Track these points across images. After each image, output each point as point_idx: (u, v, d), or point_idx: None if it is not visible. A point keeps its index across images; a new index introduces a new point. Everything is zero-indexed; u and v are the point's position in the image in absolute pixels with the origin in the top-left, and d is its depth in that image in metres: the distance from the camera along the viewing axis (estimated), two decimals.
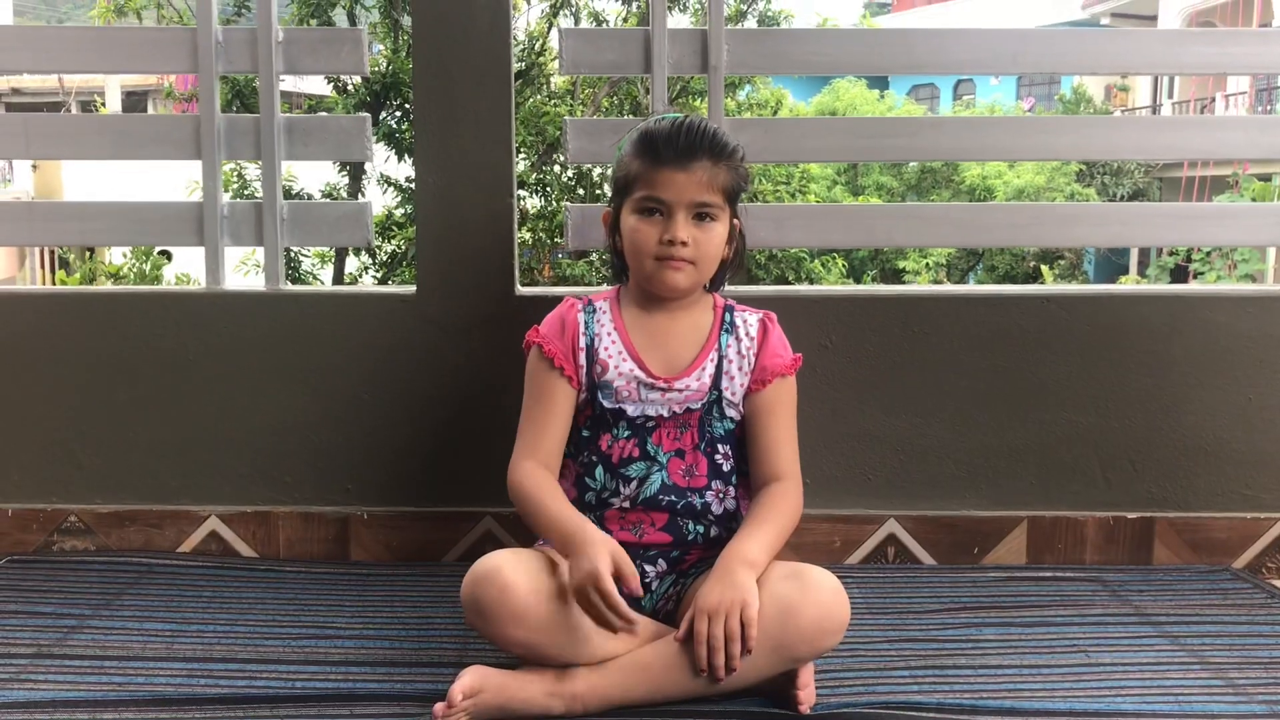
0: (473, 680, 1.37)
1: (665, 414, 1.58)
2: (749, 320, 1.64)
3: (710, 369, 1.59)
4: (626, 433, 1.58)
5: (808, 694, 1.43)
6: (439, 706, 1.35)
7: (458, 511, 2.06)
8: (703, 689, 1.43)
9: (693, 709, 1.43)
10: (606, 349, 1.60)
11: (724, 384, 1.60)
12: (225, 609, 1.80)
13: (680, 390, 1.58)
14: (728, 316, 1.63)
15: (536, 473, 1.56)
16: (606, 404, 1.58)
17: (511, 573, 1.39)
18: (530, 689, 1.39)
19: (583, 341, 1.60)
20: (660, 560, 1.59)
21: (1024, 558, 2.07)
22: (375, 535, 2.06)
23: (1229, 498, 2.07)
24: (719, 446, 1.60)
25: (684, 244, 1.53)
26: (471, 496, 2.06)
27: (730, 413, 1.61)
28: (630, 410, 1.58)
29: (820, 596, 1.40)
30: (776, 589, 1.41)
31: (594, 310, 1.63)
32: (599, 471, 1.59)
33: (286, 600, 1.85)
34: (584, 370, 1.60)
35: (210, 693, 1.49)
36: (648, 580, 1.58)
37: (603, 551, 1.39)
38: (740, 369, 1.61)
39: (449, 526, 2.06)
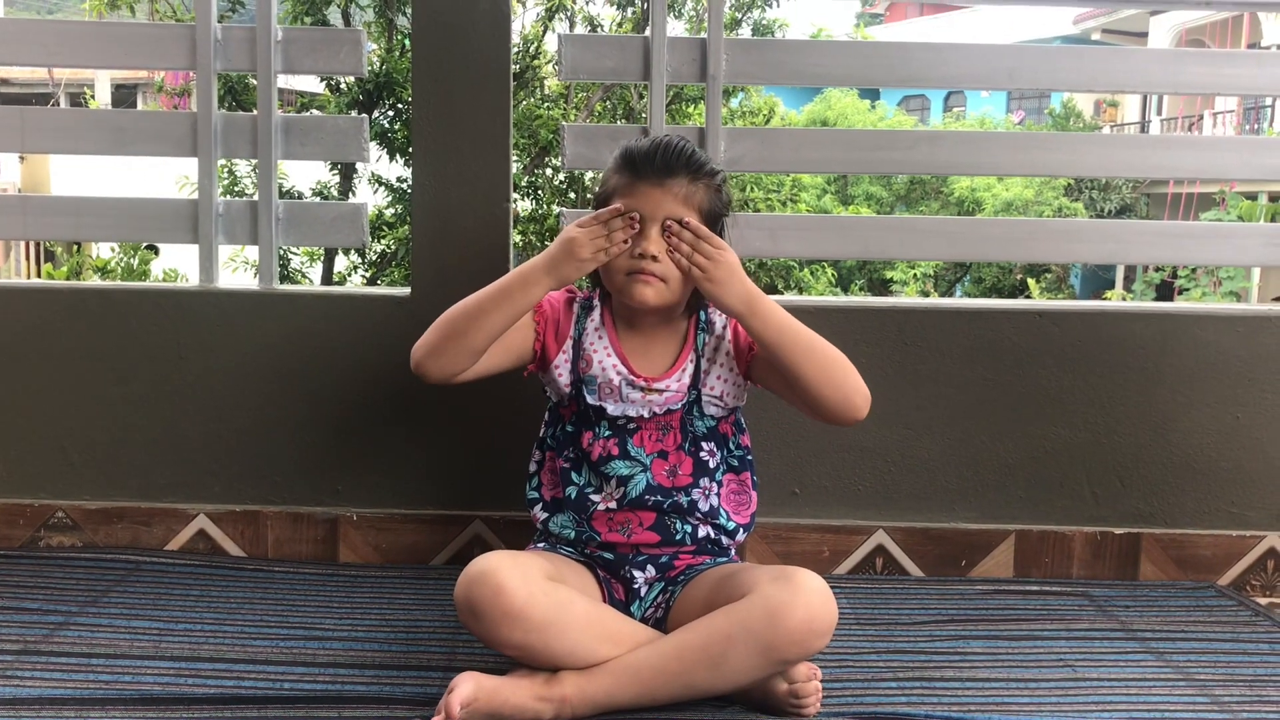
0: (467, 690, 1.36)
1: (645, 415, 1.60)
2: (721, 315, 1.67)
3: (690, 369, 1.62)
4: (607, 432, 1.61)
5: (813, 690, 1.44)
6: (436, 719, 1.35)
7: (447, 514, 2.06)
8: (691, 694, 1.44)
9: (682, 715, 1.43)
10: (592, 343, 1.64)
11: (703, 383, 1.62)
12: (213, 608, 1.80)
13: (660, 391, 1.60)
14: (702, 316, 1.66)
15: None
16: (590, 400, 1.61)
17: (506, 574, 1.39)
18: (521, 694, 1.40)
19: (572, 332, 1.64)
20: (650, 567, 1.59)
21: (1011, 571, 2.08)
22: (364, 537, 2.06)
23: (1215, 515, 2.09)
24: (703, 444, 1.62)
25: (654, 259, 1.54)
26: (461, 500, 2.07)
27: (710, 410, 1.63)
28: (610, 409, 1.60)
29: (809, 599, 1.40)
30: (765, 591, 1.41)
31: (588, 308, 1.67)
32: (583, 468, 1.61)
33: (275, 600, 1.84)
34: (568, 358, 1.63)
35: (198, 693, 1.48)
36: (636, 587, 1.59)
37: (564, 235, 1.54)
38: (721, 351, 1.64)
39: (438, 529, 2.06)
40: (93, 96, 14.97)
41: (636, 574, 1.59)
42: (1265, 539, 2.08)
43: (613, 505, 1.59)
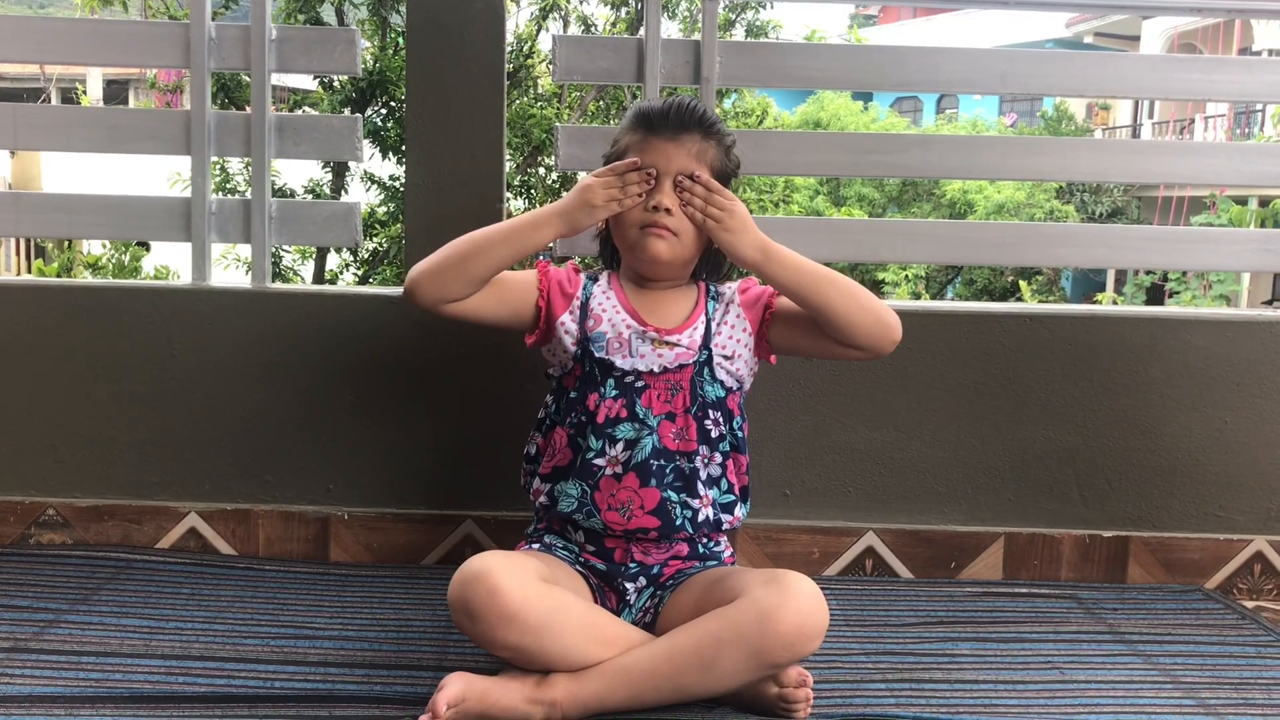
0: (455, 690, 1.37)
1: (656, 370, 1.59)
2: (729, 285, 1.71)
3: (701, 329, 1.63)
4: (614, 392, 1.59)
5: (803, 697, 1.44)
6: (423, 719, 1.35)
7: (438, 514, 2.07)
8: (682, 697, 1.44)
9: (672, 717, 1.43)
10: (600, 304, 1.64)
11: (714, 343, 1.62)
12: (203, 607, 1.80)
13: (673, 345, 1.60)
14: (711, 289, 1.69)
15: None
16: (597, 354, 1.60)
17: (502, 575, 1.39)
18: (511, 696, 1.40)
19: (580, 295, 1.64)
20: (641, 577, 1.59)
21: (1000, 573, 2.09)
22: (355, 536, 2.06)
23: (1203, 519, 2.10)
24: (710, 412, 1.61)
25: (668, 211, 1.56)
26: (453, 500, 2.07)
27: (721, 375, 1.62)
28: (619, 363, 1.59)
29: (799, 602, 1.40)
30: (755, 594, 1.41)
31: (595, 279, 1.68)
32: (587, 432, 1.59)
33: (265, 599, 1.84)
34: (576, 317, 1.63)
35: (188, 691, 1.48)
36: (628, 596, 1.59)
37: (580, 183, 1.58)
38: (730, 316, 1.65)
39: (429, 529, 2.06)
40: (84, 92, 14.92)
41: (629, 585, 1.59)
42: (1252, 543, 2.09)
43: (618, 470, 1.57)
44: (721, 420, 1.62)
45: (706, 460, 1.60)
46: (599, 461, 1.58)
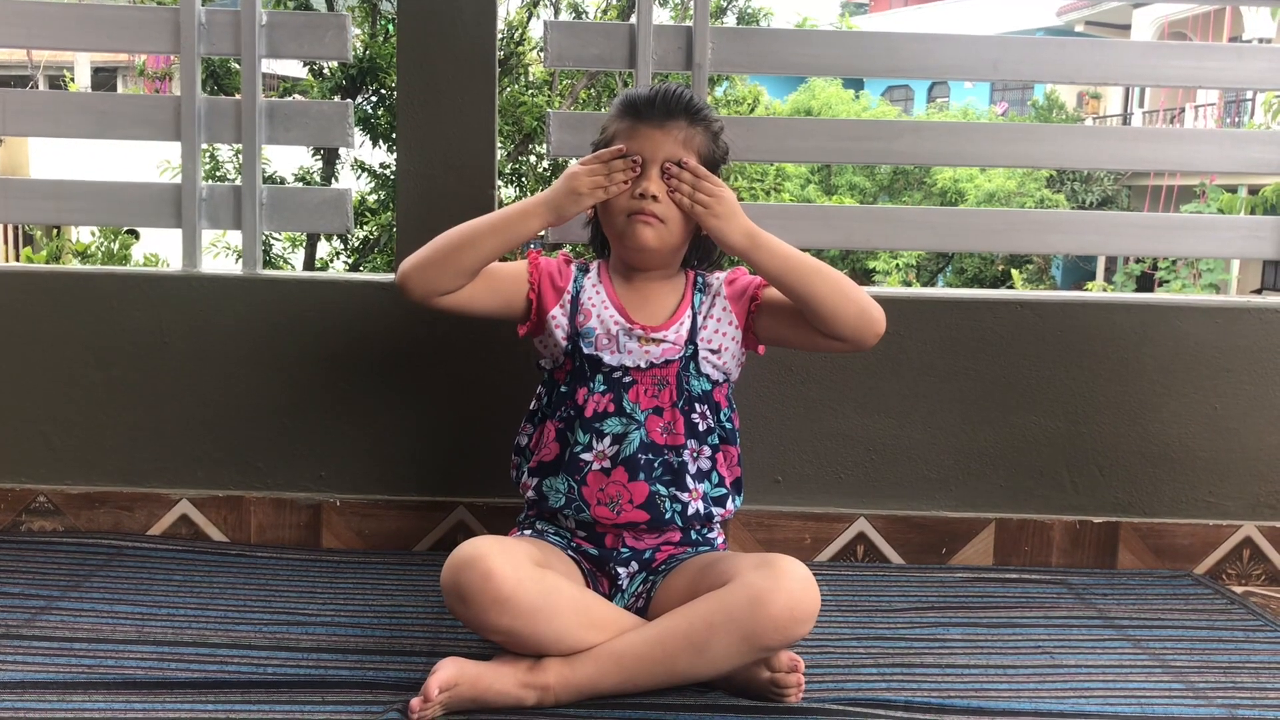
0: (448, 674, 1.37)
1: (642, 365, 1.60)
2: (718, 275, 1.71)
3: (687, 324, 1.63)
4: (602, 387, 1.60)
5: (795, 682, 1.45)
6: (415, 701, 1.35)
7: (431, 501, 2.07)
8: (674, 680, 1.44)
9: (664, 700, 1.44)
10: (590, 298, 1.64)
11: (700, 337, 1.62)
12: (196, 593, 1.79)
13: (658, 342, 1.61)
14: (699, 279, 1.69)
15: None
16: (585, 350, 1.61)
17: (495, 559, 1.39)
18: (504, 680, 1.40)
19: (570, 288, 1.65)
20: (633, 562, 1.60)
21: (991, 559, 2.09)
22: (347, 522, 2.06)
23: (1192, 504, 2.11)
24: (696, 406, 1.62)
25: (654, 198, 1.56)
26: (445, 486, 2.07)
27: (707, 369, 1.63)
28: (607, 359, 1.60)
29: (791, 586, 1.41)
30: (746, 578, 1.42)
31: (585, 270, 1.69)
32: (575, 426, 1.60)
33: (258, 586, 1.84)
34: (566, 311, 1.63)
35: (181, 677, 1.48)
36: (620, 581, 1.59)
37: (566, 171, 1.58)
38: (717, 309, 1.65)
39: (422, 515, 2.06)
40: (72, 79, 14.83)
41: (620, 570, 1.60)
42: (1241, 528, 2.10)
43: (606, 465, 1.58)
44: (709, 413, 1.63)
45: (695, 454, 1.61)
46: (586, 456, 1.58)
